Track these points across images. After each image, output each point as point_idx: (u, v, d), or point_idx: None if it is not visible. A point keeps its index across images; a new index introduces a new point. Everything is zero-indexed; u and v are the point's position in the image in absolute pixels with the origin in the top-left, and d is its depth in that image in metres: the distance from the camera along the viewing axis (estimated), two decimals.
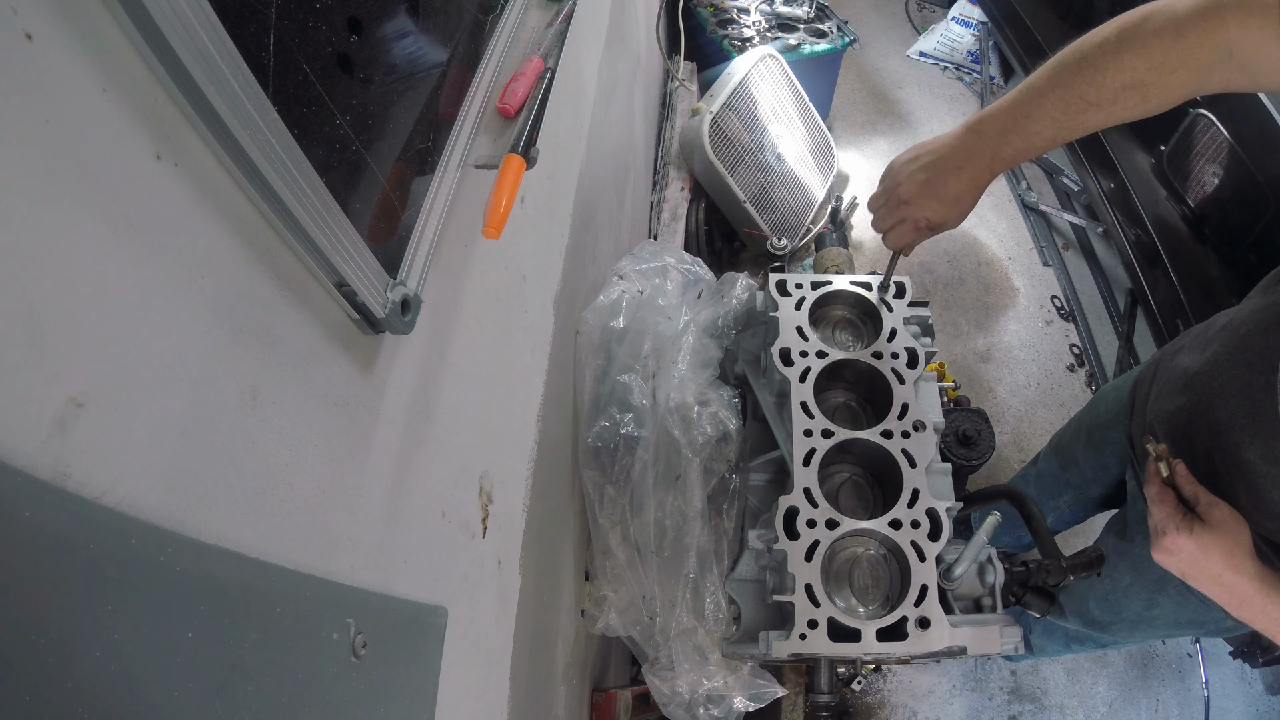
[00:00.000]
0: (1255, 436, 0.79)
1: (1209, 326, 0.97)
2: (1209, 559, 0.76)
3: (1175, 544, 0.77)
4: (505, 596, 0.78)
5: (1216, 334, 0.91)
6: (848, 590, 0.93)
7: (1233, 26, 0.68)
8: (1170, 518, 0.78)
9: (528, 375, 0.90)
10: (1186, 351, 0.97)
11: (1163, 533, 0.78)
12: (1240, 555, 0.75)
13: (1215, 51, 0.69)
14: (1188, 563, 0.78)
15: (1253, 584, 0.74)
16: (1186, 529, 0.77)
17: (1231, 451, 0.82)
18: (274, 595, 0.38)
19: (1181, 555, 0.77)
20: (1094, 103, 0.75)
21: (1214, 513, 0.77)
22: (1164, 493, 0.80)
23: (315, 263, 0.40)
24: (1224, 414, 0.84)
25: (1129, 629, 1.20)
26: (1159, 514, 0.79)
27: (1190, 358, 0.94)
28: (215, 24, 0.30)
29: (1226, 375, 0.85)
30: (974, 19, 3.05)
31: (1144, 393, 1.05)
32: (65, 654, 0.25)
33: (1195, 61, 0.70)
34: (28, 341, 0.26)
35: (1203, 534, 0.76)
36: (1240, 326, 0.85)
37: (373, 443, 0.51)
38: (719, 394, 1.08)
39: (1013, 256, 2.56)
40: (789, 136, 2.12)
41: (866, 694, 1.78)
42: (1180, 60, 0.71)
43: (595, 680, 1.27)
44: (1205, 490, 0.79)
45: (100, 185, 0.28)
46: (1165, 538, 0.78)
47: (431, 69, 0.53)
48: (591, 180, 1.23)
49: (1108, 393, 1.24)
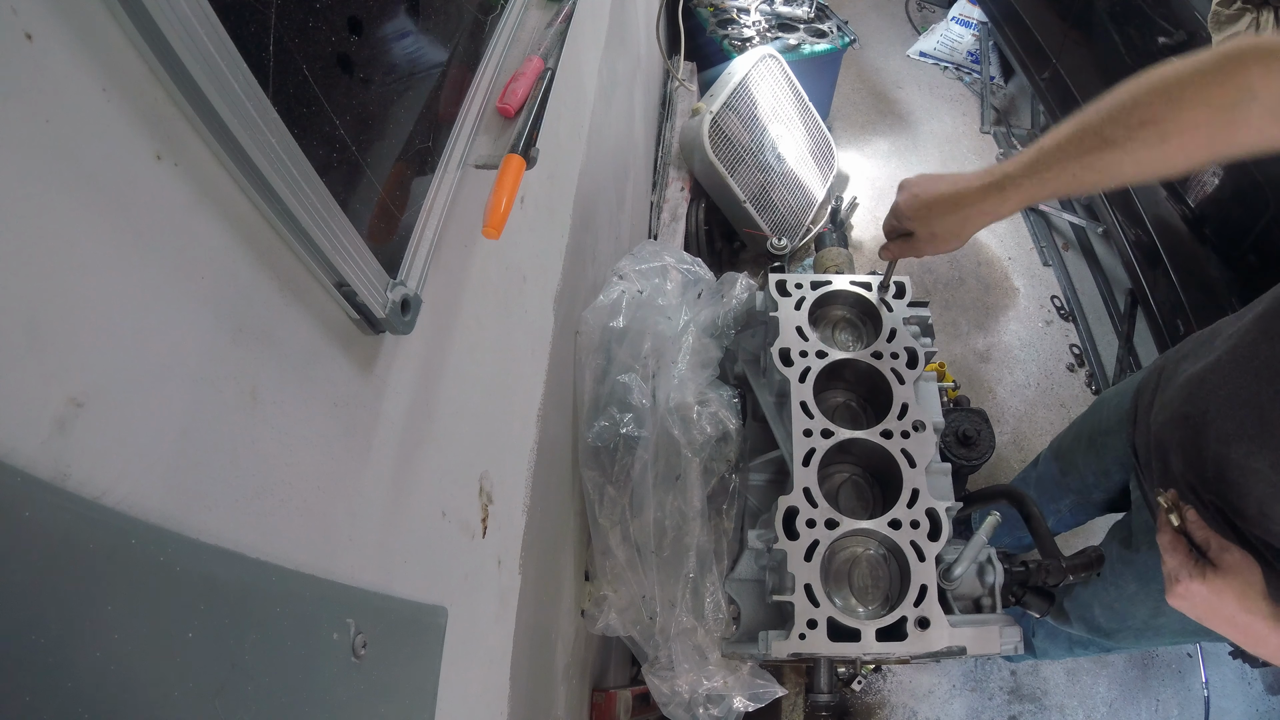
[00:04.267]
0: (1264, 446, 0.79)
1: (1213, 334, 0.96)
2: (1223, 603, 0.76)
3: (1189, 590, 0.78)
4: (505, 596, 0.78)
5: (1222, 342, 0.90)
6: (847, 590, 0.93)
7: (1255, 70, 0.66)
8: (1183, 565, 0.78)
9: (528, 375, 0.90)
10: (1191, 359, 0.97)
11: (1176, 580, 0.79)
12: (1253, 596, 0.75)
13: (1238, 92, 0.68)
14: (1202, 607, 0.78)
15: (1267, 623, 0.74)
16: (1200, 575, 0.77)
17: (1240, 461, 0.82)
18: (274, 595, 0.38)
19: (1196, 600, 0.78)
20: (1111, 140, 0.73)
21: (1226, 557, 0.77)
22: (1176, 541, 0.80)
23: (315, 263, 0.40)
24: (1232, 423, 0.84)
25: (1134, 636, 1.20)
26: (1172, 562, 0.80)
27: (1195, 366, 0.94)
28: (215, 24, 0.30)
29: (1234, 384, 0.85)
30: (974, 19, 3.04)
31: (1147, 400, 1.05)
32: (65, 654, 0.25)
33: (1215, 99, 0.69)
34: (28, 341, 0.26)
35: (1215, 579, 0.76)
36: (1246, 334, 0.85)
37: (373, 443, 0.51)
38: (719, 394, 1.08)
39: (1013, 256, 2.56)
40: (789, 136, 2.12)
41: (866, 694, 1.78)
42: (1198, 96, 0.69)
43: (595, 680, 1.27)
44: (1216, 535, 0.79)
45: (100, 185, 0.28)
46: (1179, 585, 0.78)
47: (431, 69, 0.53)
48: (591, 180, 1.23)
49: (1109, 398, 1.23)
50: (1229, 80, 0.68)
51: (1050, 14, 2.36)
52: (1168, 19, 1.75)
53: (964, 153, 2.85)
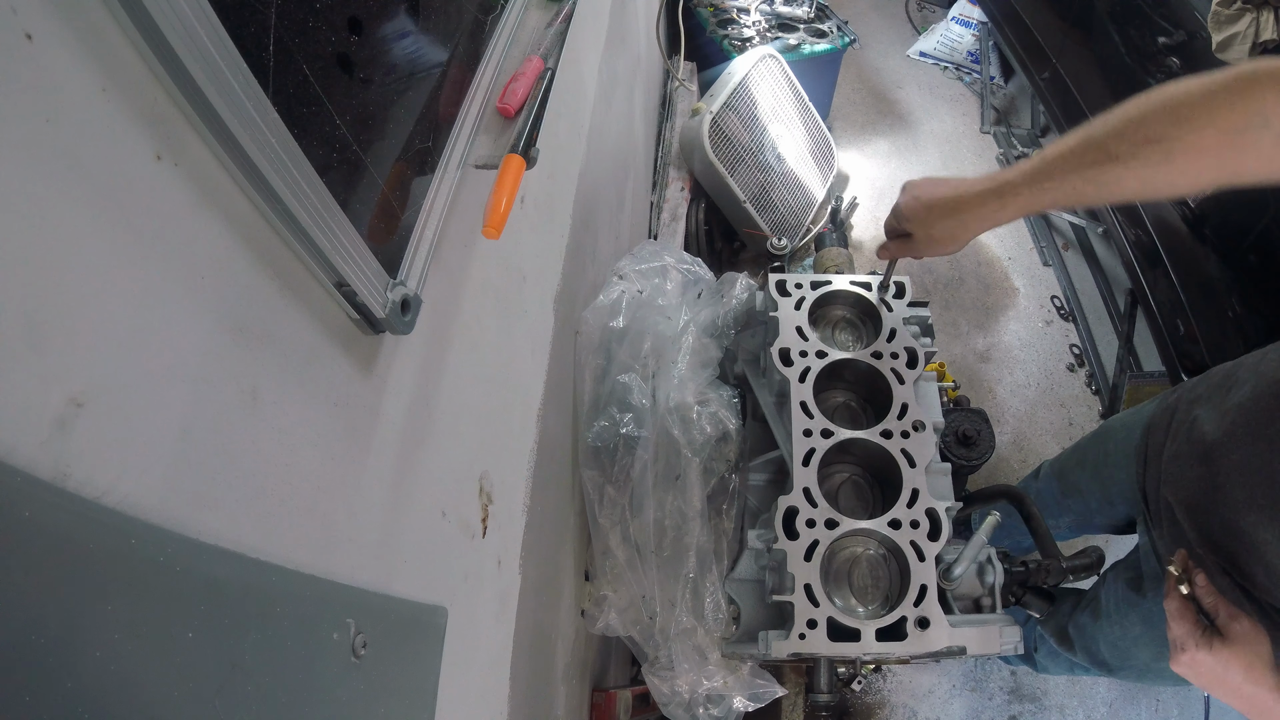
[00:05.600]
0: (1275, 517, 0.79)
1: (1228, 379, 0.94)
2: (1229, 673, 0.75)
3: (1195, 660, 0.77)
4: (505, 596, 0.78)
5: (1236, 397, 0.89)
6: (847, 590, 0.93)
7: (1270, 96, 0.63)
8: (1190, 634, 0.78)
9: (528, 375, 0.90)
10: (1204, 405, 0.95)
11: (1182, 649, 0.78)
12: (1260, 668, 0.74)
13: (1248, 117, 0.64)
14: (1207, 677, 0.77)
15: (1274, 695, 0.73)
16: (1206, 645, 0.76)
17: (1249, 530, 0.82)
18: (274, 595, 0.38)
19: (1201, 670, 0.77)
20: (1114, 155, 0.71)
21: (1234, 626, 0.76)
22: (1184, 608, 0.80)
23: (315, 263, 0.40)
24: (1243, 491, 0.83)
25: (1137, 674, 1.19)
26: (1178, 630, 0.79)
27: (1208, 419, 0.92)
28: (215, 24, 0.30)
29: (1246, 450, 0.84)
30: (974, 19, 3.04)
31: (1158, 442, 1.03)
32: (65, 654, 0.25)
33: (1224, 122, 0.66)
34: (28, 341, 0.26)
35: (1222, 649, 0.75)
36: (1261, 399, 0.84)
37: (373, 443, 0.51)
38: (719, 394, 1.08)
39: (1013, 256, 2.56)
40: (789, 136, 2.12)
41: (866, 694, 1.78)
42: (1207, 118, 0.66)
43: (595, 680, 1.27)
44: (1225, 602, 0.78)
45: (100, 185, 0.28)
46: (1185, 654, 0.78)
47: (431, 69, 0.53)
48: (591, 180, 1.23)
49: (1116, 430, 1.20)
50: (1241, 103, 0.65)
51: (1050, 14, 2.36)
52: (1168, 19, 1.75)
53: (964, 153, 2.85)
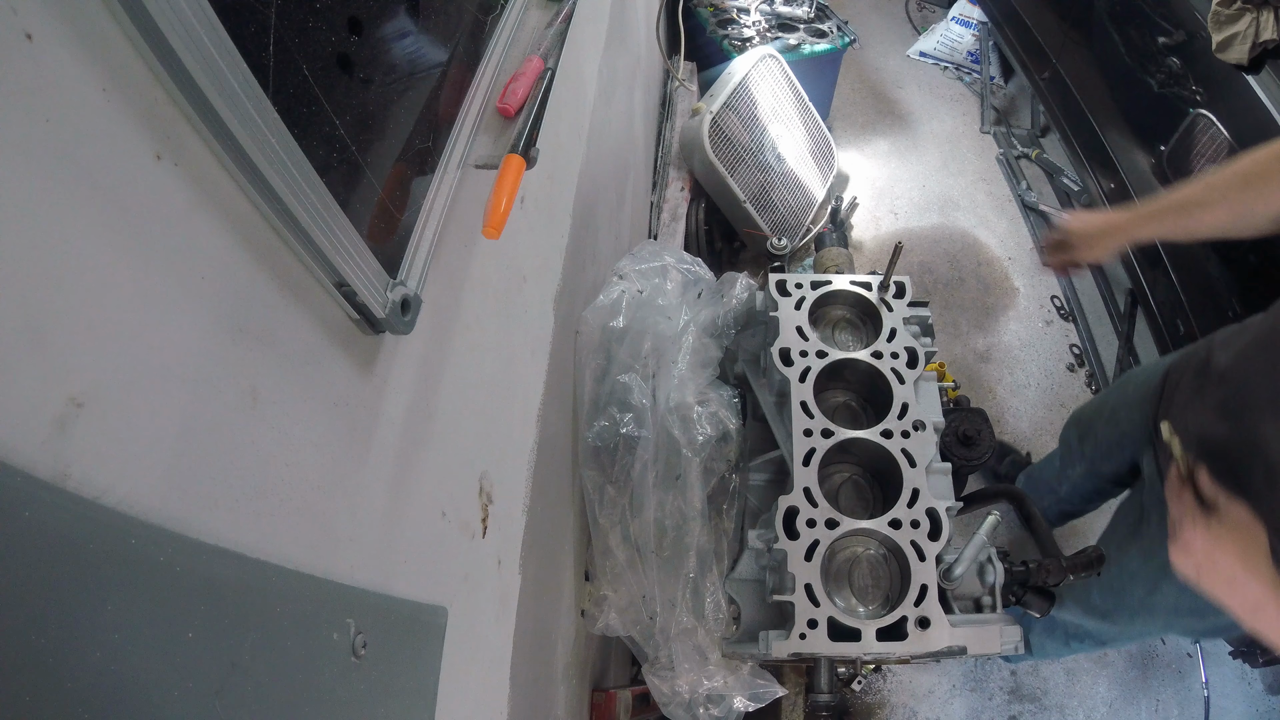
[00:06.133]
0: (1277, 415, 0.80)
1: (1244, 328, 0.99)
2: (1223, 554, 0.75)
3: (1190, 542, 0.78)
4: (505, 596, 0.78)
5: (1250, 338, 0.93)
6: (848, 590, 0.93)
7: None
8: (1187, 513, 0.79)
9: (528, 375, 0.90)
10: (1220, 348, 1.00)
11: (1180, 530, 0.79)
12: (1256, 556, 0.74)
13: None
14: (1202, 556, 0.78)
15: (1266, 589, 0.73)
16: (1203, 523, 0.77)
17: (1249, 430, 0.84)
18: (274, 595, 0.38)
19: (1195, 550, 0.78)
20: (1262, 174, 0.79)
21: (1232, 510, 0.77)
22: (1183, 489, 0.81)
23: (315, 263, 0.40)
24: (1249, 396, 0.86)
25: (1129, 616, 1.21)
26: (1176, 510, 0.81)
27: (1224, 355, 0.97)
28: (215, 24, 0.30)
29: (1256, 361, 0.87)
30: (974, 19, 3.04)
31: (1175, 379, 1.08)
32: (65, 654, 0.25)
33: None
34: (28, 341, 0.26)
35: (1217, 529, 0.76)
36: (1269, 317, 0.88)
37: (373, 443, 0.51)
38: (719, 394, 1.08)
39: (1013, 256, 2.56)
40: (789, 136, 2.12)
41: (866, 694, 1.78)
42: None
43: (595, 680, 1.27)
44: (1225, 493, 0.79)
45: (100, 185, 0.28)
46: (1181, 535, 0.79)
47: (431, 69, 0.53)
48: (591, 180, 1.23)
49: (1136, 374, 1.28)
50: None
51: (1050, 14, 2.36)
52: (1168, 19, 1.75)
53: (964, 153, 2.85)
